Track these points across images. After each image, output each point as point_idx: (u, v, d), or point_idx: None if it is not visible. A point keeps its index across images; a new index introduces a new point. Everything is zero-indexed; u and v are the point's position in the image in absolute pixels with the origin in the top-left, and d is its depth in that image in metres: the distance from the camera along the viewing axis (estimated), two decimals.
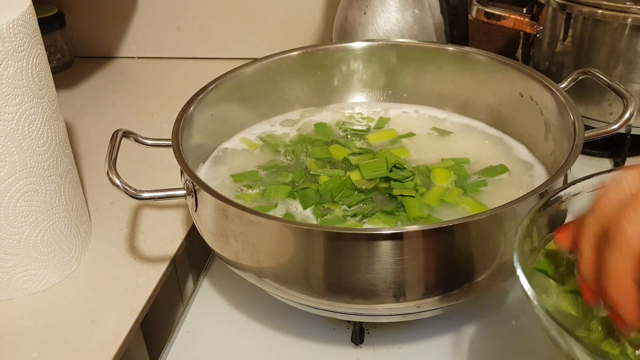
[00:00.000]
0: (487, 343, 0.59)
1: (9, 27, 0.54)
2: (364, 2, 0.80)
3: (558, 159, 0.61)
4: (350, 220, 0.58)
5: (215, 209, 0.54)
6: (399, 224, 0.57)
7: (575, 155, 0.54)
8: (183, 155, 0.57)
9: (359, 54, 0.76)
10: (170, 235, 0.69)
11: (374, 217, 0.58)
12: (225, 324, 0.62)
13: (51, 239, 0.62)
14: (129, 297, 0.62)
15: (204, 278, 0.68)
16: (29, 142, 0.57)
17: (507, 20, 0.81)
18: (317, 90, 0.77)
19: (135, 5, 1.05)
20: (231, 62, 0.76)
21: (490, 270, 0.51)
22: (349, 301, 0.51)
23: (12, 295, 0.62)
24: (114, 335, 0.58)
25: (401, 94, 0.77)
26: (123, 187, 0.54)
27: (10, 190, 0.57)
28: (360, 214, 0.58)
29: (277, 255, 0.51)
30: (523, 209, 0.51)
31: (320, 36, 1.04)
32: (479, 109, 0.73)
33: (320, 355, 0.58)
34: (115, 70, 1.07)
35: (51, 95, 0.60)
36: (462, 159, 0.67)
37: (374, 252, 0.48)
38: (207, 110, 0.67)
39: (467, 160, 0.67)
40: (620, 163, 0.78)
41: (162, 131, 0.79)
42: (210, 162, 0.69)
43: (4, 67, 0.54)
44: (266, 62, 0.73)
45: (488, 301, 0.62)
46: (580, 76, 0.65)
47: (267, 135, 0.72)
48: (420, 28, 0.80)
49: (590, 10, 0.73)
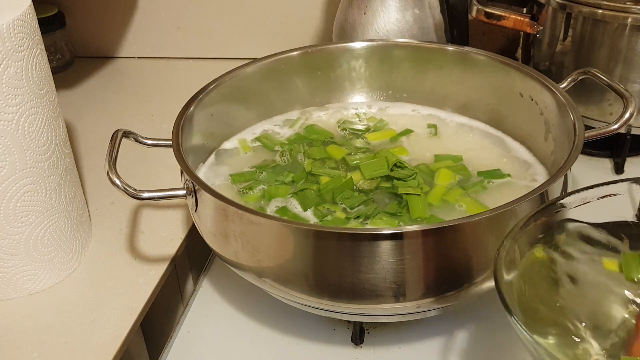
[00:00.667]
0: (487, 343, 0.59)
1: (9, 27, 0.54)
2: (364, 2, 0.80)
3: (558, 159, 0.61)
4: (352, 222, 0.58)
5: (215, 209, 0.54)
6: (401, 225, 0.57)
7: (575, 155, 0.54)
8: (183, 155, 0.57)
9: (359, 54, 0.76)
10: (171, 235, 0.69)
11: (376, 218, 0.58)
12: (225, 324, 0.62)
13: (51, 239, 0.62)
14: (129, 297, 0.62)
15: (204, 278, 0.68)
16: (29, 142, 0.57)
17: (507, 20, 0.81)
18: (317, 90, 0.77)
19: (135, 5, 1.05)
20: (231, 62, 0.76)
21: (490, 270, 0.51)
22: (349, 301, 0.51)
23: (12, 295, 0.62)
24: (114, 335, 0.58)
25: (401, 93, 0.77)
26: (123, 187, 0.54)
27: (10, 190, 0.57)
28: (362, 216, 0.58)
29: (277, 255, 0.51)
30: (523, 209, 0.51)
31: (320, 36, 1.04)
32: (479, 109, 0.73)
33: (320, 355, 0.58)
34: (116, 70, 1.07)
35: (51, 95, 0.60)
36: (457, 157, 0.67)
37: (374, 252, 0.48)
38: (207, 110, 0.67)
39: (460, 158, 0.67)
40: (621, 163, 0.78)
41: (162, 131, 0.79)
42: (211, 162, 0.69)
43: (4, 67, 0.54)
44: (266, 62, 0.73)
45: (488, 301, 0.62)
46: (580, 76, 0.65)
47: (264, 136, 0.72)
48: (420, 28, 0.80)
49: (590, 10, 0.73)
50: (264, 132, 0.73)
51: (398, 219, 0.58)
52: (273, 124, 0.75)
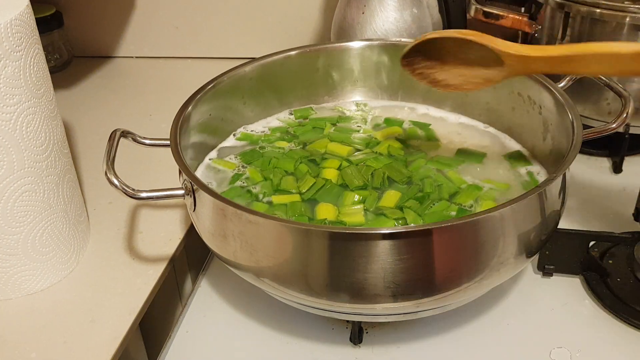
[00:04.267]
0: (486, 343, 0.59)
1: (7, 27, 0.54)
2: (362, 2, 0.80)
3: (556, 158, 0.61)
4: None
5: (213, 209, 0.54)
6: (398, 224, 0.57)
7: (574, 154, 0.54)
8: (181, 154, 0.57)
9: (357, 53, 0.76)
10: (169, 235, 0.69)
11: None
12: (223, 324, 0.62)
13: (49, 239, 0.62)
14: (127, 297, 0.62)
15: (202, 278, 0.68)
16: (27, 142, 0.57)
17: (505, 20, 0.81)
18: (315, 90, 0.77)
19: (133, 4, 1.05)
20: (229, 62, 0.76)
21: (489, 270, 0.51)
22: (348, 301, 0.51)
23: (10, 295, 0.62)
24: (113, 335, 0.58)
25: (399, 93, 0.77)
26: (121, 187, 0.54)
27: (8, 190, 0.57)
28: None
29: (275, 255, 0.51)
30: (522, 208, 0.51)
31: (318, 35, 1.04)
32: (477, 108, 0.73)
33: (319, 354, 0.58)
34: (114, 69, 1.07)
35: (49, 95, 0.60)
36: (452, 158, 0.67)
37: (372, 251, 0.48)
38: (206, 109, 0.67)
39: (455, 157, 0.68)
40: (619, 162, 0.79)
41: (160, 131, 0.79)
42: (209, 161, 0.69)
43: (2, 67, 0.54)
44: (264, 62, 0.73)
45: (486, 301, 0.62)
46: (579, 75, 0.65)
47: (263, 136, 0.72)
48: (419, 27, 0.80)
49: (589, 9, 0.73)
50: (262, 131, 0.73)
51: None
52: (271, 123, 0.75)
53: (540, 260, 0.64)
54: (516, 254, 0.52)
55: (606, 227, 0.68)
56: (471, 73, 0.54)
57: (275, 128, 0.74)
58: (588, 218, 0.71)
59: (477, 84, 0.55)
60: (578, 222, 0.69)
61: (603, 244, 0.66)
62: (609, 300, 0.61)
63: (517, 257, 0.52)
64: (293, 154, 0.68)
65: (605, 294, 0.61)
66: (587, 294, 0.63)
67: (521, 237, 0.52)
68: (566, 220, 0.69)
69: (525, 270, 0.65)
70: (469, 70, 0.54)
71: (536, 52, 0.52)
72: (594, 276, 0.63)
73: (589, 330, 0.59)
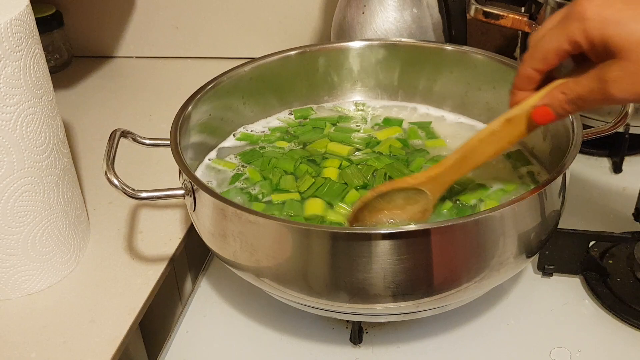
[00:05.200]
0: (486, 343, 0.59)
1: (7, 26, 0.54)
2: (362, 2, 0.80)
3: (556, 158, 0.61)
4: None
5: (213, 209, 0.54)
6: (396, 223, 0.57)
7: (574, 154, 0.54)
8: (181, 154, 0.57)
9: (357, 53, 0.75)
10: (169, 235, 0.69)
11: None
12: (223, 324, 0.62)
13: (49, 239, 0.62)
14: (127, 297, 0.62)
15: (202, 278, 0.68)
16: (27, 142, 0.57)
17: (505, 20, 0.81)
18: (315, 90, 0.77)
19: (133, 4, 1.05)
20: (229, 62, 0.76)
21: (489, 270, 0.51)
22: (348, 301, 0.51)
23: (10, 295, 0.62)
24: (113, 335, 0.58)
25: (399, 93, 0.77)
26: (121, 187, 0.54)
27: (8, 190, 0.57)
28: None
29: (275, 255, 0.51)
30: (522, 208, 0.51)
31: (318, 35, 1.04)
32: (477, 108, 0.73)
33: (319, 354, 0.58)
34: (114, 69, 1.07)
35: (49, 95, 0.60)
36: None
37: (372, 251, 0.48)
38: (205, 109, 0.67)
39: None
40: (619, 162, 0.79)
41: (160, 131, 0.79)
42: (209, 161, 0.69)
43: (2, 67, 0.54)
44: (264, 62, 0.72)
45: (486, 301, 0.62)
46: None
47: (262, 136, 0.72)
48: (419, 27, 0.80)
49: None
50: (262, 131, 0.73)
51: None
52: (271, 123, 0.75)
53: (540, 260, 0.64)
54: (516, 254, 0.52)
55: (606, 227, 0.68)
56: (412, 209, 0.57)
57: (275, 128, 0.74)
58: (588, 218, 0.71)
59: (422, 214, 0.57)
60: (578, 222, 0.69)
61: (603, 244, 0.66)
62: (609, 300, 0.61)
63: (517, 257, 0.52)
64: (293, 154, 0.68)
65: (605, 294, 0.61)
66: (587, 294, 0.63)
67: (521, 237, 0.52)
68: (566, 220, 0.69)
69: (525, 270, 0.65)
70: (407, 212, 0.57)
71: (437, 169, 0.55)
72: (594, 276, 0.63)
73: (589, 330, 0.59)
